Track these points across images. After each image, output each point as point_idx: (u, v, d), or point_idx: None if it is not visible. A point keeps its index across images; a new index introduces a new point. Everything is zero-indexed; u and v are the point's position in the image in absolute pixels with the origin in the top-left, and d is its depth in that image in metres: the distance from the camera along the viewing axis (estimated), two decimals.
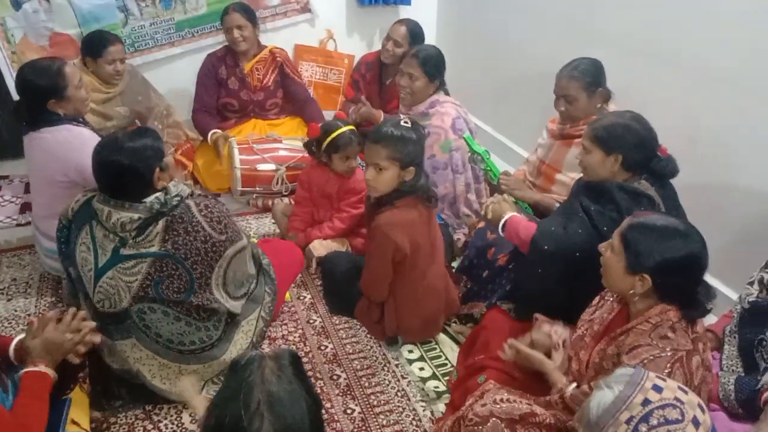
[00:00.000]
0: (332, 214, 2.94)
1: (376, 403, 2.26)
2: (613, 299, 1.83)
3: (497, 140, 3.91)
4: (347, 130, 2.81)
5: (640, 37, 2.81)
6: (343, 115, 3.72)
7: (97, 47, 3.16)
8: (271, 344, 2.49)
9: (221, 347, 2.14)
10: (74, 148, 2.44)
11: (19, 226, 3.25)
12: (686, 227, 1.64)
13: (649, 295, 1.63)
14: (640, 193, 2.04)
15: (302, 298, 2.79)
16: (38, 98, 2.47)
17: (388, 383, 2.34)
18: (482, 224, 2.71)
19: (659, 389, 1.22)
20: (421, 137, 2.33)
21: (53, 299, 2.73)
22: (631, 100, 2.59)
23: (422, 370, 2.41)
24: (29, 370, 1.65)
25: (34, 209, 2.77)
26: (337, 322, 2.65)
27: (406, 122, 2.30)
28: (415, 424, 2.18)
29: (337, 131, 2.78)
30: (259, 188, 3.44)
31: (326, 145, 2.80)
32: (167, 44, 3.84)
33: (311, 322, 2.65)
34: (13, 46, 3.45)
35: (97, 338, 1.84)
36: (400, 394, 2.30)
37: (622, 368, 1.34)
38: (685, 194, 2.19)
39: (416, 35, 3.59)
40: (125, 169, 1.91)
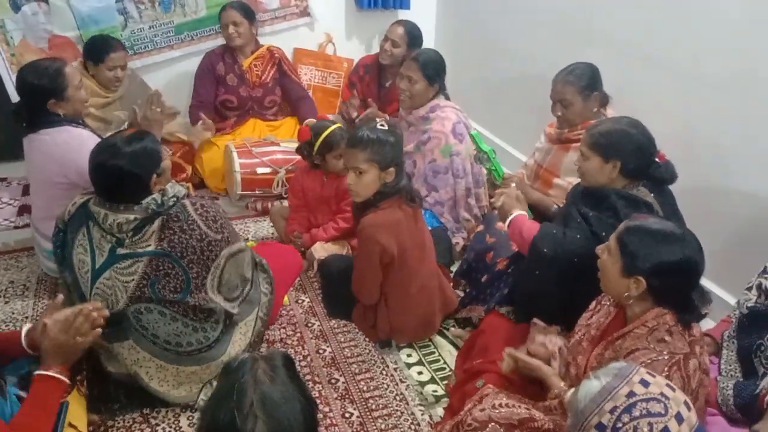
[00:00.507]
0: (331, 216, 2.94)
1: (374, 407, 2.25)
2: (609, 303, 1.83)
3: (495, 144, 3.91)
4: (336, 127, 2.82)
5: (637, 42, 2.82)
6: (326, 115, 3.73)
7: (99, 52, 3.15)
8: (269, 347, 2.49)
9: (219, 348, 2.14)
10: (73, 149, 2.44)
11: (17, 228, 3.25)
12: (682, 231, 1.65)
13: (644, 298, 1.64)
14: (638, 199, 2.04)
15: (301, 301, 2.78)
16: (38, 99, 2.47)
17: (386, 387, 2.34)
18: (481, 228, 2.72)
19: (646, 383, 1.24)
20: (398, 139, 2.35)
21: (50, 301, 2.73)
22: (627, 104, 2.61)
23: (421, 374, 2.40)
24: (42, 373, 1.63)
25: (33, 211, 2.78)
26: (335, 325, 2.64)
27: (382, 125, 2.33)
28: (413, 428, 2.18)
29: (327, 131, 2.79)
30: (258, 191, 3.44)
31: (318, 146, 2.80)
32: (166, 47, 3.84)
33: (310, 325, 2.64)
34: (12, 48, 3.45)
35: (103, 316, 1.76)
36: (398, 398, 2.29)
37: (615, 362, 1.36)
38: (682, 199, 2.19)
39: (414, 36, 3.60)
40: (123, 173, 1.91)
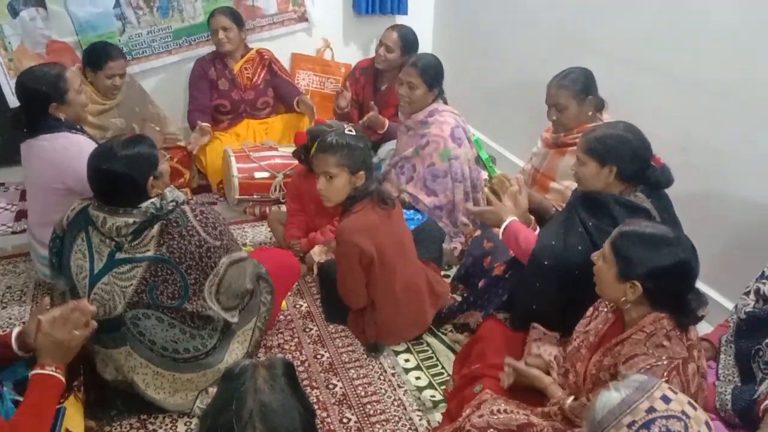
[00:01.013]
0: (329, 220, 2.94)
1: (372, 412, 2.25)
2: (607, 310, 1.83)
3: (492, 149, 3.92)
4: (323, 131, 2.81)
5: (635, 48, 2.83)
6: (323, 119, 3.73)
7: (98, 60, 3.15)
8: (267, 353, 2.48)
9: (216, 356, 2.13)
10: (72, 156, 2.43)
11: (14, 233, 3.24)
12: (675, 235, 1.66)
13: (641, 302, 1.65)
14: (636, 206, 2.05)
15: (299, 306, 2.78)
16: (40, 103, 2.47)
17: (384, 392, 2.33)
18: (479, 233, 2.72)
19: (668, 400, 1.21)
20: (366, 144, 2.41)
21: (48, 307, 2.72)
22: (625, 110, 2.61)
23: (418, 379, 2.40)
24: (39, 372, 1.62)
25: (29, 217, 2.77)
26: (333, 330, 2.64)
27: (350, 131, 2.38)
28: None
29: (324, 133, 2.79)
30: (256, 196, 3.44)
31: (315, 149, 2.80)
32: (164, 52, 3.84)
33: (307, 330, 2.64)
34: (10, 53, 3.45)
35: (93, 324, 1.76)
36: (396, 403, 2.29)
37: (637, 374, 1.33)
38: (680, 204, 2.19)
39: (408, 41, 3.60)
40: (119, 177, 1.91)
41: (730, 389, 1.81)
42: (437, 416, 2.21)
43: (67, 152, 2.46)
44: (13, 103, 3.44)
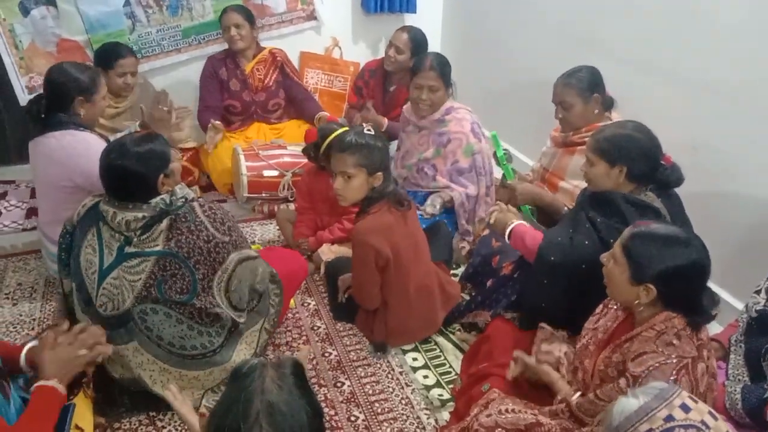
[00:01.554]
0: (338, 218, 2.95)
1: (380, 410, 2.25)
2: (617, 307, 1.82)
3: (506, 148, 3.92)
4: (343, 131, 2.82)
5: (641, 48, 2.82)
6: (335, 117, 3.73)
7: (108, 59, 3.19)
8: (275, 351, 2.49)
9: (223, 355, 2.13)
10: (79, 153, 2.45)
11: (25, 230, 3.26)
12: (687, 235, 1.64)
13: (654, 303, 1.63)
14: (646, 204, 2.04)
15: (306, 304, 2.79)
16: (68, 92, 2.49)
17: (392, 391, 2.34)
18: (487, 232, 2.72)
19: (687, 409, 1.18)
20: (385, 145, 2.40)
21: (58, 304, 2.74)
22: (632, 110, 2.60)
23: (426, 377, 2.40)
24: (42, 384, 1.64)
25: (39, 215, 2.78)
26: (341, 329, 2.64)
27: (369, 130, 2.36)
28: None
29: (333, 133, 2.79)
30: (264, 194, 3.45)
31: (325, 148, 2.81)
32: (174, 51, 3.85)
33: (315, 328, 2.64)
34: (21, 51, 3.47)
35: (109, 349, 1.85)
36: (404, 401, 2.29)
37: (658, 382, 1.30)
38: (689, 204, 2.18)
39: (418, 42, 3.60)
40: (130, 173, 1.93)
41: (739, 388, 1.79)
42: (445, 415, 2.21)
43: (74, 149, 2.47)
44: (24, 101, 3.46)
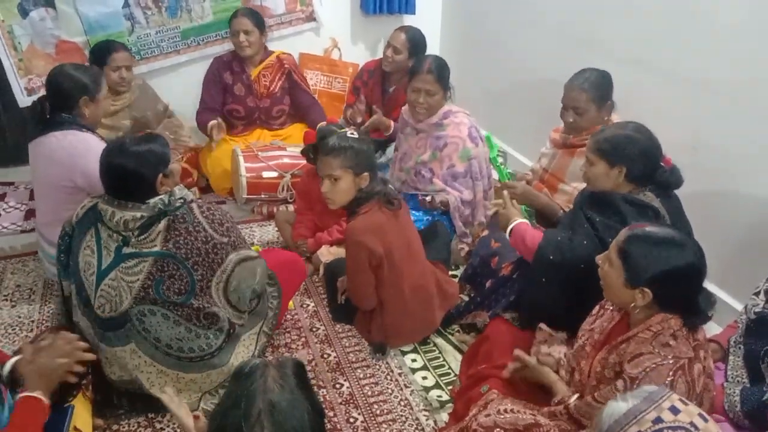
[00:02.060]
0: (336, 219, 2.94)
1: (379, 412, 2.25)
2: (613, 308, 1.82)
3: (501, 148, 3.92)
4: (337, 133, 2.82)
5: (640, 48, 2.82)
6: (335, 119, 3.73)
7: (102, 55, 3.24)
8: (274, 352, 2.49)
9: (221, 358, 2.13)
10: (79, 153, 2.46)
11: (23, 232, 3.26)
12: (682, 237, 1.64)
13: (650, 305, 1.63)
14: (645, 204, 2.04)
15: (305, 306, 2.79)
16: (73, 93, 2.50)
17: (391, 392, 2.33)
18: (486, 233, 2.72)
19: (676, 411, 1.18)
20: (369, 146, 2.42)
21: (56, 307, 2.73)
22: (631, 110, 2.60)
23: (425, 379, 2.40)
24: (26, 395, 1.63)
25: (37, 216, 2.78)
26: (340, 330, 2.64)
27: (352, 134, 2.38)
28: None
29: (332, 135, 2.79)
30: (263, 195, 3.45)
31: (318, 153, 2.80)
32: (173, 52, 3.85)
33: (314, 330, 2.64)
34: (20, 53, 3.46)
35: (91, 356, 1.84)
36: (403, 403, 2.29)
37: (649, 385, 1.30)
38: (689, 204, 2.18)
39: (416, 43, 3.60)
40: (129, 172, 1.94)
41: (738, 390, 1.79)
42: (444, 416, 2.21)
43: (75, 149, 2.47)
44: (23, 102, 3.46)
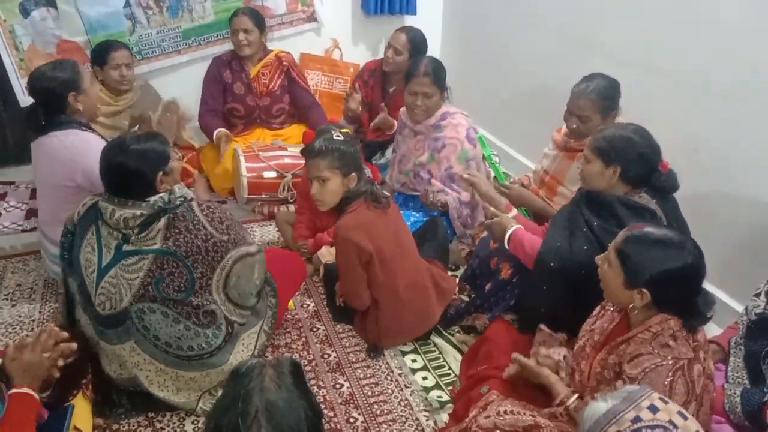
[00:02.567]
0: (336, 219, 2.94)
1: (379, 412, 2.25)
2: (613, 309, 1.83)
3: (502, 150, 3.92)
4: (323, 135, 2.82)
5: (641, 50, 2.81)
6: (336, 119, 3.73)
7: (102, 54, 3.26)
8: (274, 352, 2.49)
9: (220, 357, 2.13)
10: (81, 152, 2.46)
11: (24, 231, 3.26)
12: (680, 238, 1.64)
13: (649, 306, 1.63)
14: (641, 207, 2.04)
15: (306, 306, 2.79)
16: (58, 94, 2.49)
17: (391, 392, 2.33)
18: (485, 234, 2.72)
19: (655, 410, 1.20)
20: (355, 147, 2.45)
21: (57, 305, 2.74)
22: (631, 112, 2.60)
23: (425, 379, 2.40)
24: (15, 391, 1.64)
25: (39, 215, 2.79)
26: (340, 330, 2.64)
27: (338, 136, 2.39)
28: None
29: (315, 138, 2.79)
30: (264, 195, 3.45)
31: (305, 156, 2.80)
32: (174, 52, 3.85)
33: (314, 330, 2.64)
34: (21, 53, 3.47)
35: (72, 345, 1.80)
36: (403, 403, 2.29)
37: (630, 385, 1.32)
38: (689, 205, 2.18)
39: (417, 43, 3.60)
40: (128, 170, 1.95)
41: (739, 392, 1.79)
42: (444, 417, 2.21)
43: (76, 149, 2.48)
44: (24, 102, 3.47)
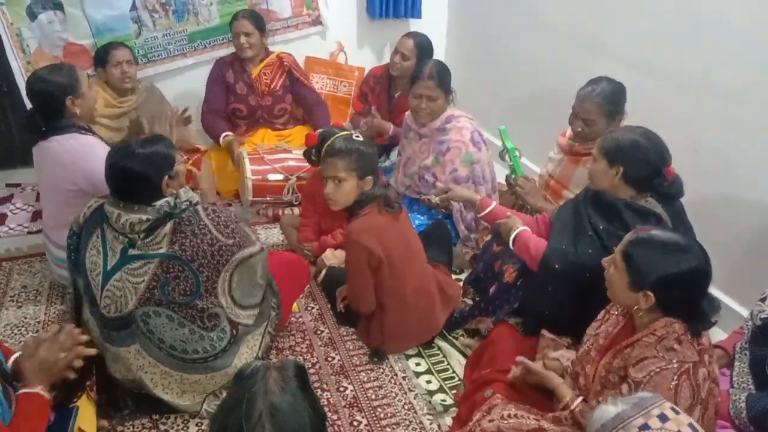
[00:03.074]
0: (341, 222, 2.94)
1: (382, 415, 2.25)
2: (618, 313, 1.82)
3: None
4: (343, 135, 2.82)
5: (644, 52, 2.82)
6: (340, 122, 3.75)
7: (102, 55, 3.28)
8: (278, 355, 2.49)
9: (225, 359, 2.13)
10: (82, 156, 2.46)
11: (30, 233, 3.27)
12: (687, 242, 1.63)
13: (654, 309, 1.63)
14: (648, 211, 2.04)
15: (310, 308, 2.79)
16: (55, 98, 2.49)
17: (395, 396, 2.33)
18: (489, 237, 2.72)
19: (664, 419, 1.19)
20: (374, 149, 2.45)
21: (63, 307, 2.75)
22: (634, 113, 2.60)
23: (429, 383, 2.39)
24: (25, 391, 1.64)
25: (43, 219, 2.79)
26: (344, 333, 2.64)
27: (357, 136, 2.40)
28: None
29: (333, 137, 2.79)
30: (269, 198, 3.46)
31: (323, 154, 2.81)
32: (180, 55, 3.87)
33: (318, 333, 2.64)
34: (28, 55, 3.49)
35: (91, 351, 1.84)
36: (406, 407, 2.28)
37: (643, 392, 1.31)
38: (693, 208, 2.18)
39: (424, 48, 3.61)
40: (134, 174, 1.95)
41: (744, 396, 1.79)
42: (448, 420, 2.21)
43: (77, 153, 2.48)
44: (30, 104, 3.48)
